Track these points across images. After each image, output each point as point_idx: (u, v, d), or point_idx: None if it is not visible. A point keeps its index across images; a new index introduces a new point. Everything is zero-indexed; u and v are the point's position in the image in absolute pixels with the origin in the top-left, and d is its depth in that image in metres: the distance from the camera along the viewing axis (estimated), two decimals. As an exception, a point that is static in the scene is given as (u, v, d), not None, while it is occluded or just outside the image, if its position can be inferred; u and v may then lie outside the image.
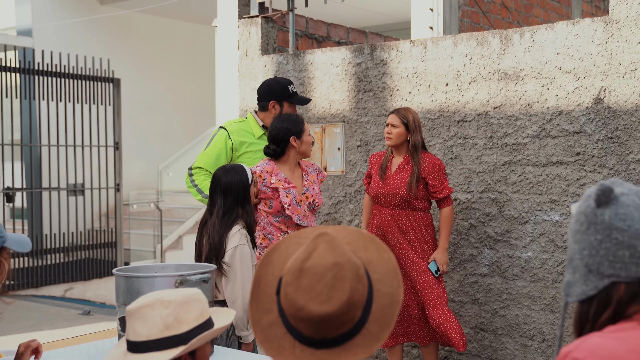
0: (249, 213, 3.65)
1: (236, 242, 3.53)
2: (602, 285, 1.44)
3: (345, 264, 1.52)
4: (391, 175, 4.75)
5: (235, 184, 3.63)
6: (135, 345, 2.01)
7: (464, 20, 8.27)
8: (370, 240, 1.65)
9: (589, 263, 1.45)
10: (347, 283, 1.50)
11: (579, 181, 4.76)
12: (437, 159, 4.73)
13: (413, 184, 4.65)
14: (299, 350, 1.54)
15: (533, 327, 4.98)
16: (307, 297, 1.50)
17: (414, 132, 4.70)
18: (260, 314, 1.61)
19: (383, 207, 4.80)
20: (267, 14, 6.42)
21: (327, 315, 1.49)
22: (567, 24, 4.78)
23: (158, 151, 13.98)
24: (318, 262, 1.52)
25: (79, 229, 10.88)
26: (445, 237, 4.73)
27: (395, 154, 4.82)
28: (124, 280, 2.94)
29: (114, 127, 10.77)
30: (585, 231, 1.47)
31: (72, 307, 8.79)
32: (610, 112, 4.62)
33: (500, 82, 5.05)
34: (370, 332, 1.54)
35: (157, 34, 14.39)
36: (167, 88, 14.41)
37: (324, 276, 1.50)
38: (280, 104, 4.56)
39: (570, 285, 1.50)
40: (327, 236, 1.56)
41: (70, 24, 12.90)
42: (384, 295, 1.58)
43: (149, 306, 2.00)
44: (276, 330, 1.57)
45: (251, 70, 6.35)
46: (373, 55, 5.65)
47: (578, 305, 1.49)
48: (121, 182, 10.90)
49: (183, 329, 2.01)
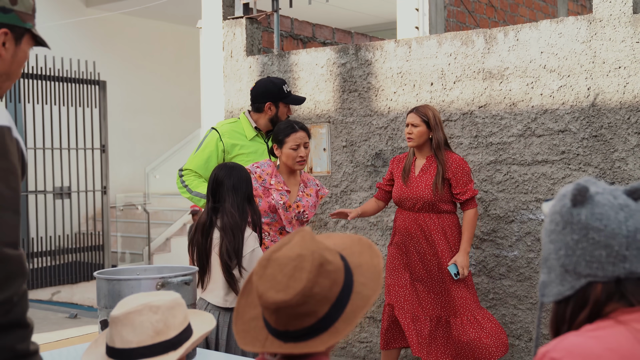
0: (255, 211, 3.59)
1: (252, 246, 3.48)
2: (579, 285, 1.43)
3: (307, 256, 1.53)
4: (415, 178, 4.58)
5: (243, 179, 3.56)
6: (124, 353, 1.98)
7: (450, 20, 8.27)
8: (367, 247, 1.68)
9: (565, 263, 1.44)
10: (305, 274, 1.51)
11: (564, 180, 4.77)
12: (461, 159, 4.55)
13: (439, 185, 4.47)
14: (269, 342, 1.58)
15: (520, 327, 4.98)
16: (268, 285, 1.53)
17: (435, 130, 4.52)
18: (246, 308, 1.66)
19: (407, 212, 4.62)
20: (252, 15, 6.40)
21: (282, 303, 1.51)
22: (551, 23, 4.78)
23: (144, 153, 13.93)
24: (285, 253, 1.55)
25: (66, 232, 10.82)
26: (467, 239, 4.51)
27: (417, 155, 4.64)
28: (106, 283, 2.92)
29: (100, 130, 10.72)
30: (561, 231, 1.46)
31: (59, 311, 8.73)
32: (595, 110, 4.63)
33: (485, 81, 5.04)
34: (338, 330, 1.55)
35: (142, 35, 14.34)
36: (153, 90, 14.36)
37: (285, 266, 1.53)
38: (276, 105, 4.52)
39: (545, 285, 1.49)
40: (303, 232, 1.60)
41: (55, 26, 12.83)
42: (361, 297, 1.59)
43: (137, 312, 1.98)
44: (256, 323, 1.62)
45: (236, 71, 6.33)
46: (358, 55, 5.64)
47: (554, 305, 1.48)
48: (108, 185, 10.85)
49: (172, 334, 2.00)
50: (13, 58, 1.91)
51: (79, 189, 10.69)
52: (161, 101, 14.51)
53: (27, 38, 1.96)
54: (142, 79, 14.18)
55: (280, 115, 4.54)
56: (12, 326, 1.71)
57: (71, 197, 10.77)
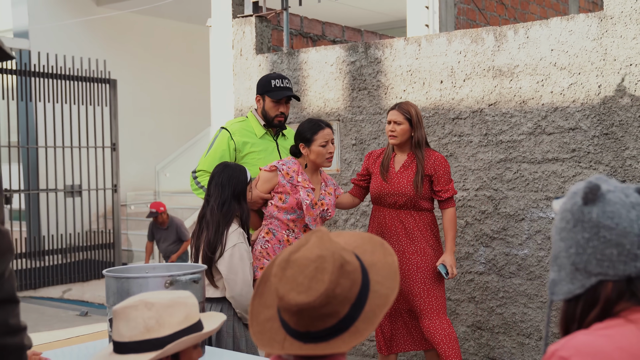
0: (244, 210, 3.67)
1: (235, 241, 3.55)
2: (590, 284, 1.42)
3: (328, 257, 1.53)
4: (395, 174, 4.48)
5: (234, 178, 3.66)
6: (118, 346, 2.00)
7: (460, 17, 8.25)
8: (379, 245, 1.68)
9: (575, 261, 1.43)
10: (327, 275, 1.51)
11: (574, 178, 4.74)
12: (442, 157, 4.49)
13: (419, 183, 4.39)
14: (288, 343, 1.57)
15: (530, 325, 4.96)
16: (289, 287, 1.52)
17: (417, 128, 4.44)
18: (261, 309, 1.66)
19: (386, 208, 4.54)
20: (261, 13, 6.40)
21: (304, 305, 1.50)
22: (562, 20, 4.76)
23: (155, 152, 13.95)
24: (304, 254, 1.54)
25: (77, 230, 10.86)
26: (451, 239, 4.45)
27: (397, 151, 4.55)
28: (114, 281, 2.92)
29: (110, 128, 10.75)
30: (572, 229, 1.45)
31: (70, 309, 8.77)
32: (606, 108, 4.60)
33: (495, 79, 5.02)
34: (358, 330, 1.55)
35: (152, 34, 14.37)
36: (163, 88, 14.39)
37: (306, 267, 1.53)
38: (263, 97, 4.49)
39: (555, 283, 1.48)
40: (320, 232, 1.59)
41: (66, 25, 12.87)
42: (379, 296, 1.58)
43: (132, 307, 1.98)
44: (272, 324, 1.61)
45: (245, 69, 6.33)
46: (367, 53, 5.63)
47: (564, 303, 1.47)
48: (118, 183, 10.88)
49: (164, 333, 1.99)
50: None
51: (89, 187, 10.72)
52: (171, 99, 14.54)
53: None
54: (152, 77, 14.21)
55: (267, 109, 4.48)
56: (4, 301, 1.73)
57: (82, 195, 10.81)
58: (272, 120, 4.49)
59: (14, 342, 1.75)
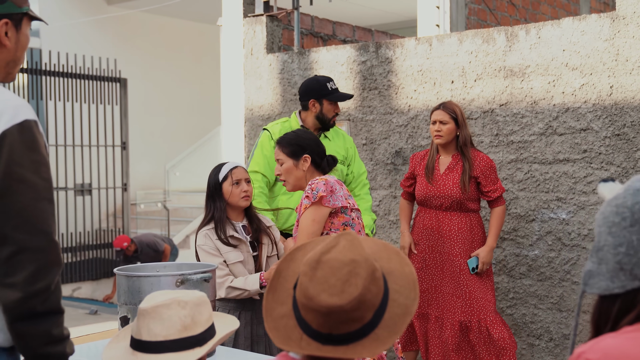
0: (217, 209, 3.61)
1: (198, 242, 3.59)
2: (631, 287, 1.36)
3: (362, 262, 1.53)
4: (440, 176, 4.46)
5: (208, 181, 3.67)
6: (150, 345, 1.99)
7: (471, 17, 8.23)
8: (395, 254, 1.68)
9: (623, 261, 1.37)
10: (360, 280, 1.51)
11: (585, 179, 4.72)
12: (488, 158, 4.47)
13: (466, 184, 4.37)
14: (305, 342, 1.55)
15: (540, 326, 4.94)
16: (320, 288, 1.51)
17: (462, 127, 4.43)
18: (275, 305, 1.64)
19: (432, 210, 4.52)
20: (272, 13, 6.40)
21: (336, 307, 1.49)
22: (574, 20, 4.74)
23: (165, 151, 13.99)
24: (336, 256, 1.53)
25: (87, 229, 10.89)
26: (494, 235, 4.43)
27: (442, 152, 4.53)
28: (125, 279, 2.93)
29: (121, 127, 10.78)
30: (628, 227, 1.38)
31: (80, 307, 8.80)
32: (618, 108, 4.58)
33: (506, 79, 5.01)
34: (379, 337, 1.54)
35: (163, 33, 14.40)
36: (173, 87, 14.42)
37: (339, 270, 1.52)
38: (320, 102, 4.49)
39: (591, 275, 1.42)
40: (349, 235, 1.58)
41: (77, 24, 12.92)
42: (398, 305, 1.58)
43: (165, 306, 1.99)
44: (287, 321, 1.60)
45: (256, 69, 6.33)
46: (378, 53, 5.63)
47: (598, 300, 1.41)
48: (128, 182, 10.91)
49: (198, 330, 2.01)
50: (17, 45, 2.00)
51: (99, 186, 10.76)
52: (181, 98, 14.57)
53: (25, 20, 2.03)
54: (162, 76, 14.25)
55: (325, 112, 4.49)
56: (49, 313, 1.85)
57: (92, 194, 10.84)
58: (329, 121, 4.51)
59: (55, 350, 1.86)
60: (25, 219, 1.83)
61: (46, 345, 1.85)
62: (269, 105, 6.23)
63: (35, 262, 1.82)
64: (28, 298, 1.81)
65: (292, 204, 4.49)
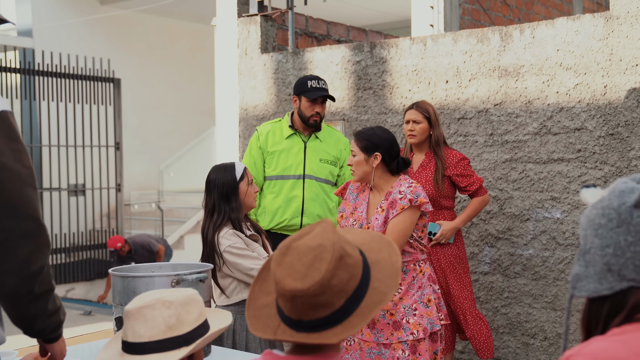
0: (233, 209, 3.50)
1: (225, 244, 3.43)
2: (620, 288, 1.36)
3: (328, 247, 1.53)
4: (414, 175, 4.48)
5: (219, 180, 3.51)
6: (135, 347, 1.98)
7: (465, 17, 8.23)
8: (386, 245, 1.69)
9: (610, 262, 1.37)
10: (325, 264, 1.51)
11: (580, 178, 4.73)
12: (459, 154, 4.50)
13: (439, 181, 4.41)
14: (281, 330, 1.57)
15: (535, 325, 4.95)
16: (286, 273, 1.53)
17: (435, 126, 4.47)
18: (260, 295, 1.67)
19: None
20: (267, 13, 6.40)
21: (298, 291, 1.50)
22: (568, 20, 4.75)
23: (159, 151, 13.96)
24: (305, 242, 1.55)
25: (80, 230, 10.87)
26: (463, 217, 4.47)
27: (415, 150, 4.57)
28: (120, 280, 2.92)
29: (114, 127, 10.76)
30: (615, 228, 1.38)
31: (74, 308, 8.77)
32: (611, 108, 4.59)
33: (501, 79, 5.02)
34: (352, 324, 1.54)
35: (157, 33, 14.37)
36: (167, 87, 14.39)
37: (305, 255, 1.53)
38: (299, 98, 4.53)
39: (579, 278, 1.42)
40: (325, 223, 1.60)
41: (70, 24, 12.88)
42: (377, 293, 1.58)
43: (149, 306, 1.97)
44: (269, 310, 1.62)
45: (250, 68, 6.33)
46: (372, 53, 5.63)
47: (588, 303, 1.41)
48: (122, 182, 10.89)
49: (184, 330, 1.99)
50: None
51: (93, 186, 10.73)
52: (175, 99, 14.54)
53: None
54: (156, 76, 14.22)
55: (303, 109, 4.51)
56: (45, 292, 1.99)
57: (85, 194, 10.82)
58: (307, 120, 4.52)
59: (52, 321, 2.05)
60: (12, 205, 1.90)
61: (45, 320, 2.01)
62: (263, 105, 6.23)
63: (27, 246, 1.92)
64: (26, 281, 1.91)
65: (277, 203, 4.51)
